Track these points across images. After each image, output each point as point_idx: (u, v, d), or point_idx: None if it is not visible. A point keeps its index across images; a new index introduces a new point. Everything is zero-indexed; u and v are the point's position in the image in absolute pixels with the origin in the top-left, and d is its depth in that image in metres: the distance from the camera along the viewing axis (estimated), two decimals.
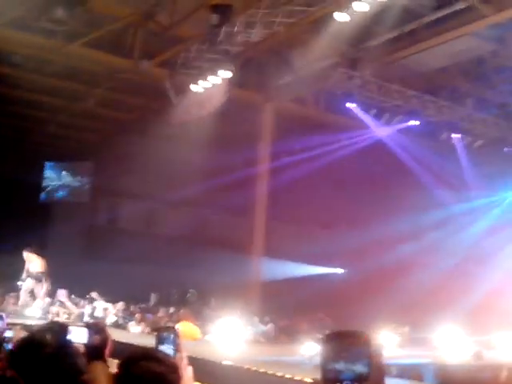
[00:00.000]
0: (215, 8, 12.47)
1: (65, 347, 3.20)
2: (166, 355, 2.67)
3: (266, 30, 12.60)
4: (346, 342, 1.86)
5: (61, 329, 3.87)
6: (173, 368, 2.52)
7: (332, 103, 16.75)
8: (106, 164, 22.73)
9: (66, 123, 20.73)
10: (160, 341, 3.19)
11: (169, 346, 3.13)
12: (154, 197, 23.42)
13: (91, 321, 12.12)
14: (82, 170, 23.06)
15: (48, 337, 3.56)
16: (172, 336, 3.18)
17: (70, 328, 3.31)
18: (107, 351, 2.77)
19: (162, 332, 3.26)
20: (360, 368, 1.81)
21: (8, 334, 4.86)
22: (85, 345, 2.75)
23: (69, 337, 3.34)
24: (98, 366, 2.67)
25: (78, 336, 3.15)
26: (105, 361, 2.75)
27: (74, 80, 17.55)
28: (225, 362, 7.21)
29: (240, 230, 18.54)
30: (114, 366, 2.97)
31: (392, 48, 14.19)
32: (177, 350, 3.10)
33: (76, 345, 3.16)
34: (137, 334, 13.58)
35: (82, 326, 3.16)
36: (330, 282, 22.87)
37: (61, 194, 23.25)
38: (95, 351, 2.62)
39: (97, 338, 2.59)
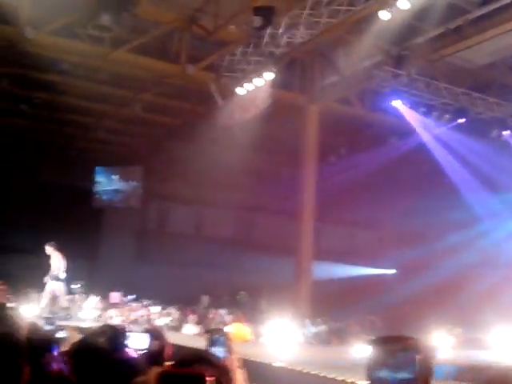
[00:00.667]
0: (258, 10, 12.48)
1: (118, 349, 3.25)
2: (218, 358, 2.68)
3: (310, 30, 12.56)
4: (392, 349, 1.84)
5: (114, 331, 3.94)
6: (224, 371, 2.53)
7: (378, 103, 16.60)
8: (154, 168, 23.02)
9: (115, 129, 21.06)
10: (211, 343, 3.22)
11: (220, 348, 3.16)
12: (202, 200, 23.61)
13: (147, 325, 12.25)
14: (132, 175, 23.38)
15: (101, 339, 3.64)
16: (223, 338, 3.21)
17: (129, 334, 3.35)
18: (166, 356, 2.80)
19: (213, 334, 3.30)
20: (405, 375, 1.79)
21: (60, 334, 4.97)
22: (144, 350, 2.79)
23: (127, 342, 3.40)
24: (156, 371, 2.70)
25: (138, 341, 3.19)
26: (163, 366, 2.77)
27: (121, 86, 17.82)
28: (277, 364, 7.22)
29: (288, 232, 18.51)
30: None
31: (437, 45, 13.98)
32: (228, 351, 3.12)
33: (135, 350, 3.20)
34: (190, 335, 13.70)
35: (140, 332, 3.20)
36: (381, 283, 22.67)
37: (112, 198, 23.60)
38: (154, 356, 2.65)
39: (156, 344, 2.62)
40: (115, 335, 3.66)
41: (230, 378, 2.52)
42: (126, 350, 3.26)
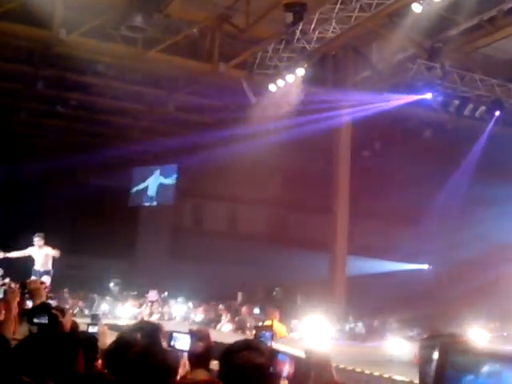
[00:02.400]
0: (289, 6, 12.49)
1: (154, 346, 3.29)
2: (267, 346, 2.70)
3: (342, 25, 12.52)
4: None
5: (151, 328, 3.99)
6: (272, 359, 2.56)
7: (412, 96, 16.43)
8: (189, 166, 23.15)
9: (149, 128, 21.24)
10: (258, 338, 3.28)
11: (266, 342, 3.21)
12: (237, 197, 23.68)
13: (193, 326, 12.31)
14: (167, 174, 23.54)
15: (138, 336, 3.69)
16: (269, 334, 3.26)
17: (175, 335, 3.40)
18: (211, 358, 2.82)
19: (260, 330, 3.35)
20: None
21: (92, 329, 5.06)
22: (188, 352, 2.82)
23: (173, 343, 3.45)
24: (200, 373, 2.73)
25: (182, 343, 3.23)
26: (208, 368, 2.77)
27: (154, 86, 17.98)
28: None
29: (322, 228, 18.48)
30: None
31: (472, 37, 13.81)
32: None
33: (180, 352, 3.22)
34: (225, 332, 13.76)
35: (185, 333, 3.23)
36: (416, 278, 22.48)
37: (147, 197, 23.81)
38: (198, 358, 2.68)
39: (200, 345, 2.65)
40: (152, 332, 3.71)
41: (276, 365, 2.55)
42: (165, 347, 3.29)
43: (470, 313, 13.78)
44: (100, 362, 3.94)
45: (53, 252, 13.54)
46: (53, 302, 9.16)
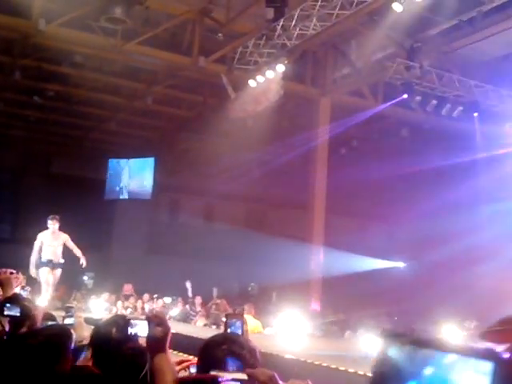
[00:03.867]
0: (270, 2, 12.47)
1: (129, 340, 3.29)
2: (248, 339, 2.70)
3: (322, 22, 12.55)
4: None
5: (125, 322, 3.97)
6: (253, 352, 2.55)
7: (390, 95, 16.55)
8: (166, 160, 23.09)
9: (127, 121, 21.13)
10: (228, 326, 3.28)
11: (236, 331, 3.21)
12: (214, 192, 23.64)
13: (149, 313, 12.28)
14: (143, 167, 23.44)
15: (113, 330, 3.68)
16: (239, 322, 3.27)
17: (133, 321, 3.41)
18: (168, 342, 2.84)
19: (230, 318, 3.36)
20: None
21: (68, 321, 5.03)
22: (147, 337, 2.83)
23: (132, 330, 3.45)
24: (161, 358, 2.74)
25: (141, 329, 3.24)
26: (166, 352, 2.82)
27: (133, 78, 17.88)
28: (287, 356, 7.25)
29: (299, 224, 18.54)
30: (173, 357, 3.03)
31: (451, 37, 13.92)
32: (243, 335, 3.16)
33: (139, 337, 3.25)
34: (199, 327, 13.77)
35: (143, 319, 3.25)
36: (391, 275, 22.65)
37: (123, 190, 23.68)
38: (157, 343, 2.69)
39: (158, 330, 2.66)
40: (126, 326, 3.69)
41: (258, 360, 2.54)
42: (135, 338, 3.30)
43: (445, 311, 13.90)
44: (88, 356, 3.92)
45: (70, 243, 12.22)
46: (25, 294, 9.03)
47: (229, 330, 3.25)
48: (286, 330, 11.85)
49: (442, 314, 13.37)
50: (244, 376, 2.20)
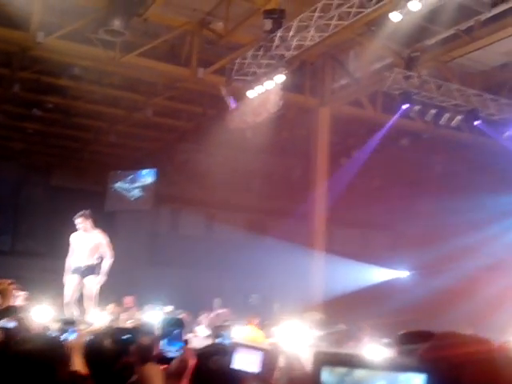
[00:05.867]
0: (268, 13, 12.51)
1: (123, 351, 3.30)
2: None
3: (320, 33, 12.56)
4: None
5: (120, 334, 3.97)
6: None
7: (389, 104, 16.57)
8: (166, 172, 23.10)
9: (126, 133, 21.14)
10: (216, 336, 3.30)
11: (224, 341, 3.23)
12: (214, 203, 23.65)
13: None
14: (144, 179, 23.45)
15: (107, 341, 3.67)
16: (227, 333, 3.29)
17: (124, 330, 3.41)
18: (156, 352, 2.84)
19: (219, 330, 3.38)
20: None
21: (70, 336, 4.92)
22: (136, 346, 2.83)
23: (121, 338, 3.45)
24: (150, 367, 2.75)
25: (132, 338, 3.24)
26: (154, 361, 2.83)
27: (132, 90, 17.91)
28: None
29: (299, 234, 18.50)
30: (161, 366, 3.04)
31: (449, 46, 13.95)
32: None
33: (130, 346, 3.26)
34: (200, 338, 13.71)
35: (133, 329, 3.25)
36: (394, 285, 22.59)
37: (124, 202, 23.68)
38: (145, 352, 2.69)
39: (146, 339, 2.66)
40: (120, 337, 3.69)
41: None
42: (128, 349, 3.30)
43: (443, 319, 13.85)
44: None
45: (107, 243, 11.01)
46: (19, 303, 8.86)
47: (217, 341, 3.26)
48: (287, 341, 11.80)
49: (441, 322, 13.32)
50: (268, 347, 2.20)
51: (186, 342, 2.59)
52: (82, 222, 11.12)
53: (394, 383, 1.18)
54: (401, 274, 24.04)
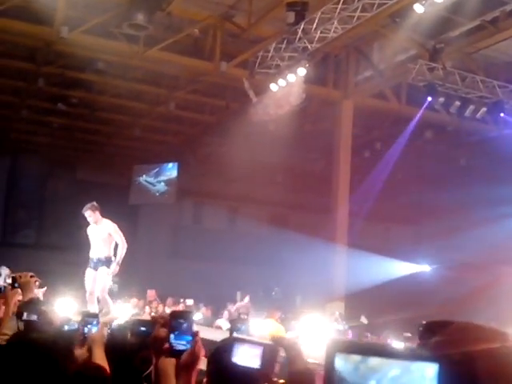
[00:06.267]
0: (291, 6, 12.46)
1: (144, 344, 3.32)
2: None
3: (344, 25, 12.48)
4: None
5: (141, 327, 4.00)
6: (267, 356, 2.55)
7: (414, 96, 16.43)
8: (189, 165, 23.18)
9: (150, 126, 21.24)
10: (233, 329, 3.31)
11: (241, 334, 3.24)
12: (237, 196, 23.68)
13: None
14: (167, 172, 23.56)
15: (128, 334, 3.70)
16: (244, 326, 3.29)
17: (141, 322, 3.44)
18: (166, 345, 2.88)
19: (236, 323, 3.38)
20: None
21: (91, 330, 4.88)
22: (151, 338, 2.85)
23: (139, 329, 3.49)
24: (167, 361, 2.75)
25: (149, 330, 3.27)
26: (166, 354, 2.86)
27: (155, 84, 17.99)
28: (310, 360, 7.21)
29: (322, 228, 18.46)
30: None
31: (474, 38, 13.78)
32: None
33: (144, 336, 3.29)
34: (221, 331, 13.75)
35: (149, 320, 3.28)
36: (417, 279, 22.46)
37: (148, 195, 23.81)
38: (161, 344, 2.70)
39: (162, 332, 2.68)
40: (140, 330, 3.72)
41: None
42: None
43: (467, 314, 13.74)
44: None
45: (114, 231, 10.67)
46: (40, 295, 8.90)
47: (235, 334, 3.26)
48: (308, 334, 11.79)
49: (465, 317, 13.22)
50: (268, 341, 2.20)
51: (195, 334, 2.58)
52: (90, 215, 10.89)
53: (406, 372, 1.19)
54: (423, 268, 23.88)
